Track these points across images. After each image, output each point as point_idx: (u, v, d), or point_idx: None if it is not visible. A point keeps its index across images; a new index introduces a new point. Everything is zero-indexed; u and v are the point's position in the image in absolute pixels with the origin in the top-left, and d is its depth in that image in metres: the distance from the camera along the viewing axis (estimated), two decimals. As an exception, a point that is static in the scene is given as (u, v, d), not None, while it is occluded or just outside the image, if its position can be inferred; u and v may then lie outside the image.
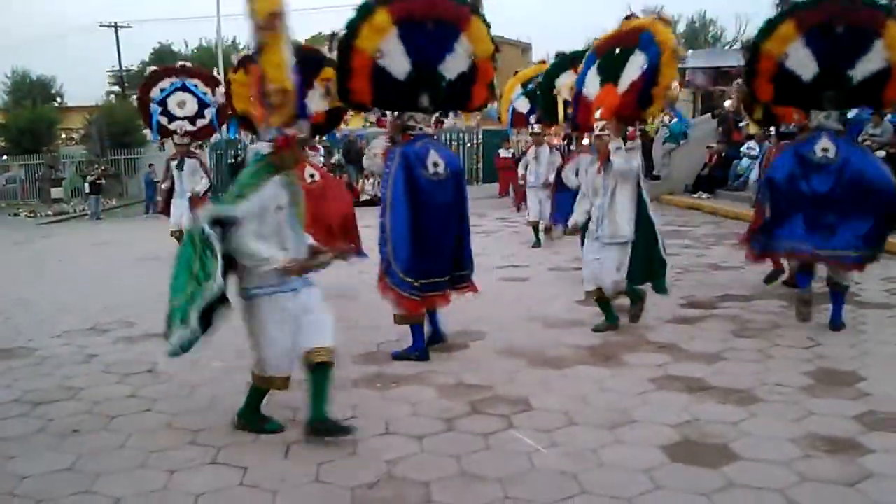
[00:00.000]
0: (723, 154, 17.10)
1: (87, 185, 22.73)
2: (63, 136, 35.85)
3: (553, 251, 10.65)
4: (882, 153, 11.18)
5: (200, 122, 11.50)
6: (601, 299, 6.27)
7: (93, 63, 63.69)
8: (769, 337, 5.95)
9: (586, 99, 6.44)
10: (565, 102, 8.64)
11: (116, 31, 40.46)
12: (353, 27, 5.40)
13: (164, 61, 24.36)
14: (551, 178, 9.86)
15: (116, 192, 27.06)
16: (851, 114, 13.23)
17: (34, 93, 41.16)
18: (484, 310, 7.00)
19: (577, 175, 7.09)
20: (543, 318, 6.80)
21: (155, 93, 11.39)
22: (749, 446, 3.95)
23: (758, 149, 15.14)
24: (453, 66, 5.65)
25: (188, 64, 12.56)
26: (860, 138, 12.62)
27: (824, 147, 5.91)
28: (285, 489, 3.66)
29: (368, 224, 14.38)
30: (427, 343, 5.77)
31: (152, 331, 6.71)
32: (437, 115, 5.91)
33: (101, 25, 40.34)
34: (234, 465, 3.93)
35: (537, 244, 11.25)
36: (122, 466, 3.99)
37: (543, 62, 11.80)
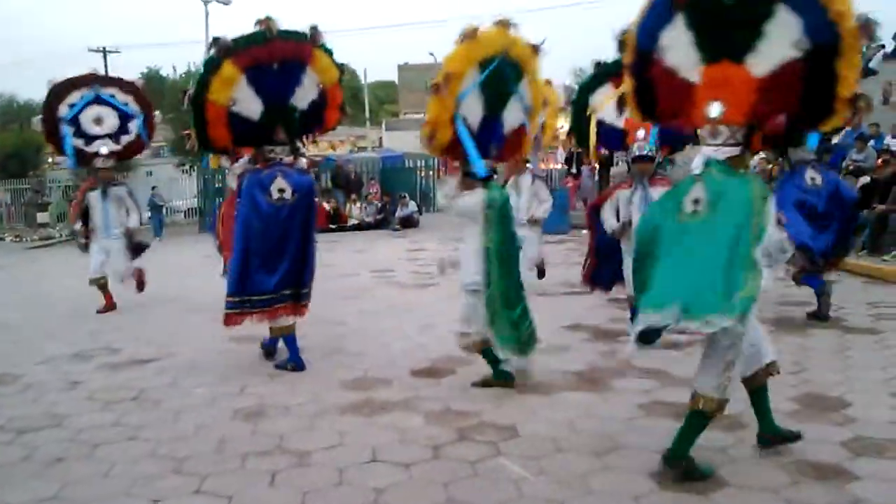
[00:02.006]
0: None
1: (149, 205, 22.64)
2: (50, 160, 35.75)
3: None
4: (866, 179, 11.31)
5: (126, 139, 9.31)
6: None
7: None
8: (756, 362, 5.96)
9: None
10: (599, 124, 7.64)
11: (105, 56, 40.40)
12: (204, 82, 5.78)
13: (153, 86, 24.32)
14: (537, 213, 9.07)
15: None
16: (837, 139, 13.41)
17: (21, 117, 41.11)
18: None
19: (617, 217, 6.90)
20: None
21: (63, 110, 8.98)
22: (737, 472, 3.95)
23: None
24: (303, 96, 6.11)
25: (96, 70, 10.12)
26: (844, 164, 12.81)
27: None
28: (271, 518, 3.63)
29: (361, 249, 14.39)
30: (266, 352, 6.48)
31: (137, 357, 6.70)
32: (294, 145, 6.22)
33: (89, 50, 40.32)
34: (220, 494, 3.89)
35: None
36: (106, 495, 3.94)
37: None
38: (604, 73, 7.65)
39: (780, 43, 3.56)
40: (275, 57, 5.84)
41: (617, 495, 3.74)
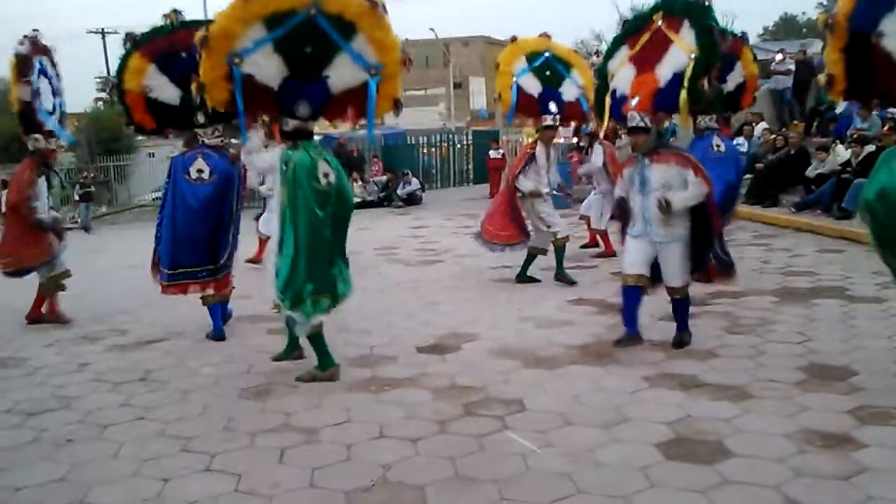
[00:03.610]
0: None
1: (77, 193, 22.60)
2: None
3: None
4: (871, 147, 11.23)
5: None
6: None
7: (80, 70, 63.36)
8: (761, 333, 5.97)
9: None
10: (612, 93, 7.10)
11: (104, 38, 40.46)
12: (119, 73, 6.41)
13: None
14: (554, 178, 8.54)
15: (106, 199, 26.97)
16: (840, 108, 13.30)
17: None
18: (475, 311, 7.01)
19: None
20: (535, 319, 6.79)
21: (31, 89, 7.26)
22: (743, 443, 3.96)
23: (746, 145, 15.20)
24: None
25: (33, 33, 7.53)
26: (848, 132, 12.73)
27: None
28: (280, 495, 3.65)
29: (364, 227, 14.37)
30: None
31: (143, 338, 6.71)
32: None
33: (88, 32, 40.29)
34: (229, 472, 3.92)
35: (524, 276, 8.67)
36: (115, 475, 3.96)
37: (546, 35, 8.99)
38: (623, 35, 6.97)
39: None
40: (179, 46, 6.15)
41: (625, 467, 3.75)
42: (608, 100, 6.65)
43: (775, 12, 55.41)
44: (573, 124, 10.03)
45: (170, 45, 6.27)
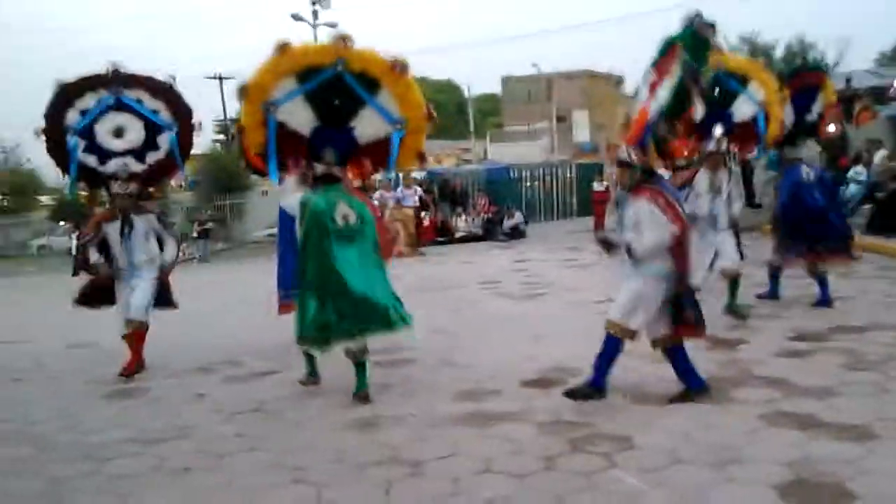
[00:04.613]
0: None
1: (195, 230, 23.72)
2: (173, 183, 37.58)
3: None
4: None
5: (153, 157, 7.23)
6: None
7: (197, 114, 66.66)
8: (885, 369, 5.65)
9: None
10: None
11: (221, 83, 42.53)
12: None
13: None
14: (734, 211, 7.74)
15: (223, 236, 28.12)
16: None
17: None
18: (581, 345, 6.90)
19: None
20: (642, 354, 6.63)
21: (72, 118, 6.98)
22: (868, 485, 3.74)
23: (865, 174, 14.57)
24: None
25: (121, 66, 7.22)
26: None
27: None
28: (387, 527, 3.68)
29: (468, 261, 14.47)
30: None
31: (257, 370, 6.94)
32: None
33: (206, 77, 42.43)
34: None
35: (733, 311, 7.72)
36: (230, 504, 4.09)
37: (717, 49, 7.58)
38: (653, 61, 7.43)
39: None
40: None
41: (739, 509, 3.61)
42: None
43: (892, 35, 53.07)
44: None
45: None
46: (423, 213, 18.50)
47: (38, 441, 5.40)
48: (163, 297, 7.42)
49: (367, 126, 5.92)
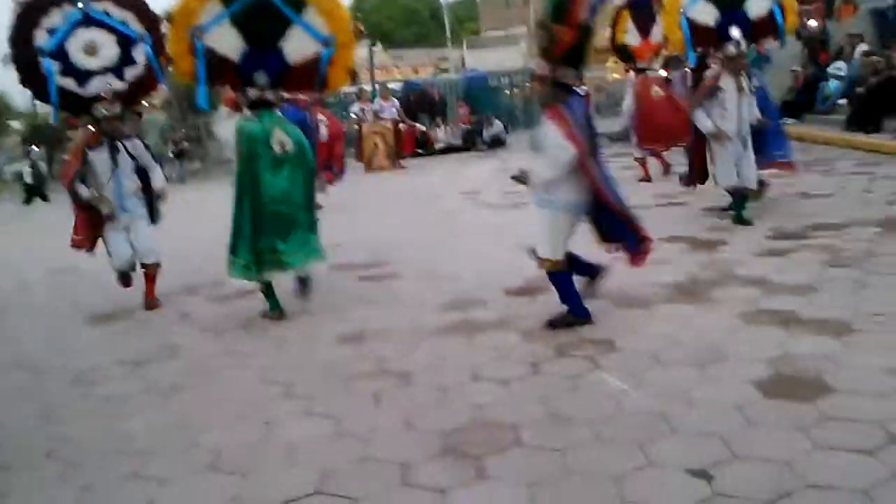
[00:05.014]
0: (808, 77, 16.36)
1: (171, 151, 23.39)
2: (145, 103, 36.82)
3: (634, 188, 10.43)
4: None
5: (132, 73, 6.64)
6: None
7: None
8: (864, 265, 5.73)
9: None
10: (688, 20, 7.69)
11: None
12: None
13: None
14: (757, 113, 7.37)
15: (199, 155, 27.73)
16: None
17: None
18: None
19: None
20: (625, 259, 6.68)
21: (41, 38, 6.30)
22: (845, 379, 3.83)
23: (845, 69, 14.46)
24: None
25: None
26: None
27: None
28: (378, 437, 3.75)
29: (450, 172, 14.36)
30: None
31: (242, 289, 6.92)
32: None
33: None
34: (328, 416, 4.05)
35: (738, 218, 7.49)
36: (222, 420, 4.15)
37: None
38: None
39: None
40: None
41: (720, 406, 3.69)
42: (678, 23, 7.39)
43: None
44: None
45: None
46: (400, 125, 18.25)
47: (29, 367, 5.43)
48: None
49: (296, 46, 5.79)
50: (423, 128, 20.37)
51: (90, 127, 6.50)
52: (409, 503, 3.14)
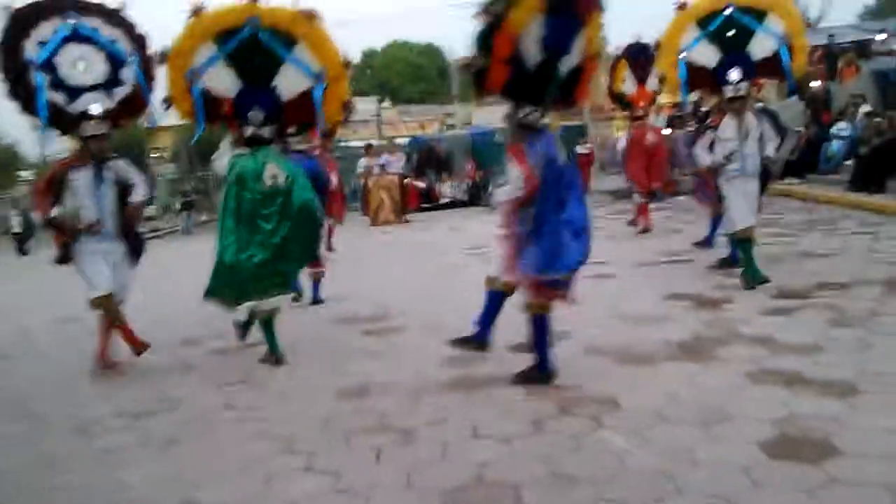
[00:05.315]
0: (812, 137, 16.50)
1: (178, 203, 23.62)
2: (153, 155, 37.29)
3: (639, 245, 10.47)
4: None
5: (120, 92, 6.36)
6: None
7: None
8: (869, 325, 5.70)
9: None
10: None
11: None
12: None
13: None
14: (769, 151, 7.33)
15: (205, 207, 27.96)
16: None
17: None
18: (567, 309, 6.92)
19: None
20: (629, 315, 6.68)
21: (30, 49, 6.02)
22: (852, 440, 3.78)
23: (848, 129, 14.59)
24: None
25: None
26: None
27: None
28: (378, 494, 3.70)
29: (455, 227, 14.45)
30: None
31: (244, 341, 6.92)
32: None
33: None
34: (328, 472, 4.00)
35: (760, 278, 7.13)
36: (221, 474, 4.11)
37: None
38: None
39: None
40: None
41: (725, 466, 3.65)
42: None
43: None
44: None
45: None
46: (406, 180, 18.40)
47: (29, 416, 5.40)
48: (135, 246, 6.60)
49: (289, 82, 6.00)
50: (425, 184, 20.47)
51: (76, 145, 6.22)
52: (408, 563, 3.08)
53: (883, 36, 16.46)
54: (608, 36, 8.56)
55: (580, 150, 20.31)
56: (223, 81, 5.89)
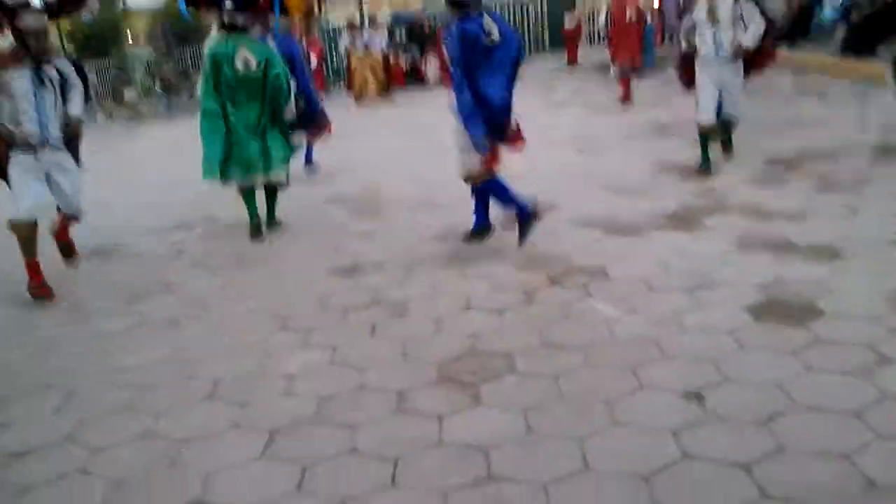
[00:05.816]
0: (803, 2, 16.06)
1: (157, 86, 23.05)
2: (129, 38, 36.22)
3: (627, 118, 10.37)
4: None
5: None
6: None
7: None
8: (855, 192, 5.74)
9: None
10: None
11: None
12: None
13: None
14: (745, 41, 6.74)
15: (187, 89, 27.34)
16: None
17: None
18: (555, 182, 6.93)
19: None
20: (616, 187, 6.68)
21: None
22: (836, 303, 3.87)
23: (842, -6, 14.20)
24: None
25: None
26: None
27: None
28: (373, 366, 3.79)
29: (442, 103, 14.22)
30: None
31: (240, 223, 6.92)
32: None
33: None
34: (324, 346, 4.08)
35: (706, 167, 6.92)
36: (218, 353, 4.19)
37: None
38: None
39: None
40: None
41: (712, 330, 3.74)
42: None
43: None
44: None
45: None
46: (391, 58, 17.94)
47: (24, 302, 5.42)
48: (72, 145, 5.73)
49: None
50: (409, 61, 19.97)
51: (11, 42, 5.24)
52: (405, 429, 3.18)
53: None
54: None
55: (567, 24, 19.84)
56: None
